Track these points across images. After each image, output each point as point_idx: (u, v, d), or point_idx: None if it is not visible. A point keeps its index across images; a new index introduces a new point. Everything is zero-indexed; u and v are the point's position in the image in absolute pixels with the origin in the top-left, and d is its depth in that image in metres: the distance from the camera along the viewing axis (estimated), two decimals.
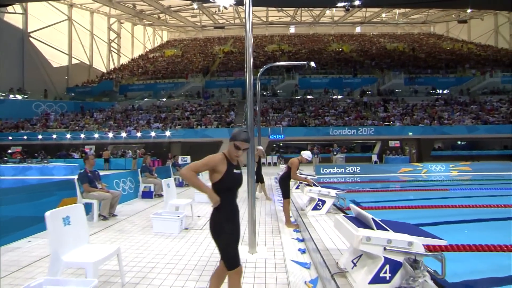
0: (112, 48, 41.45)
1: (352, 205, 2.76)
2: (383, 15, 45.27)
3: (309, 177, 6.25)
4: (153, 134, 20.47)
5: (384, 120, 21.77)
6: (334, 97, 26.83)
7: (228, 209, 2.04)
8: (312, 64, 7.66)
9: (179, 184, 9.63)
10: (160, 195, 7.40)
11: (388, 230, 2.18)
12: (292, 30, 52.44)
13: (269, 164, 21.02)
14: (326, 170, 13.32)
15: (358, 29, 52.12)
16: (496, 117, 21.70)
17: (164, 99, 27.70)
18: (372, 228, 2.21)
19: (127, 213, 5.76)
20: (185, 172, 1.99)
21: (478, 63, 33.00)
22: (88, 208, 4.93)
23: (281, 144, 23.20)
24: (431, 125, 20.60)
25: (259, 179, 7.39)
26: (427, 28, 52.27)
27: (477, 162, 16.41)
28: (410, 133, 19.94)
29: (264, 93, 27.41)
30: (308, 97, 26.98)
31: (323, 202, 5.18)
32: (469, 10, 40.66)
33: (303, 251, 3.55)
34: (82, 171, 5.04)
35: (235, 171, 2.06)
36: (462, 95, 26.42)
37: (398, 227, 2.32)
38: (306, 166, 17.05)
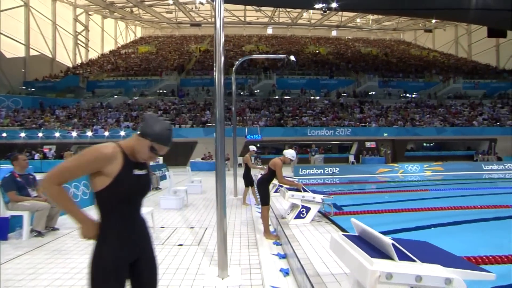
0: (79, 41, 38.61)
1: (354, 221, 2.03)
2: (358, 20, 46.51)
3: (295, 180, 5.73)
4: (122, 133, 19.01)
5: (360, 121, 21.99)
6: (311, 97, 26.79)
7: (120, 234, 1.32)
8: (292, 58, 7.15)
9: None
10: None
11: (415, 261, 1.51)
12: (269, 31, 52.36)
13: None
14: (304, 171, 12.93)
15: (334, 33, 53.26)
16: (460, 120, 22.79)
17: (136, 97, 26.09)
18: (392, 258, 1.53)
19: (74, 226, 4.75)
20: (47, 185, 1.23)
21: (442, 69, 34.81)
22: (17, 222, 3.95)
23: (258, 145, 22.62)
24: (405, 127, 21.10)
25: (249, 182, 6.85)
26: (397, 35, 54.61)
27: (446, 162, 16.92)
28: (385, 134, 20.26)
29: (241, 92, 26.78)
30: (286, 97, 26.72)
31: (308, 209, 4.43)
32: (434, 21, 43.21)
33: (286, 273, 2.95)
34: (7, 175, 3.94)
35: (136, 172, 1.36)
36: (430, 98, 27.56)
37: (424, 253, 1.66)
38: (285, 166, 16.64)
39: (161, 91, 27.54)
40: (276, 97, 26.67)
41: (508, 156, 20.21)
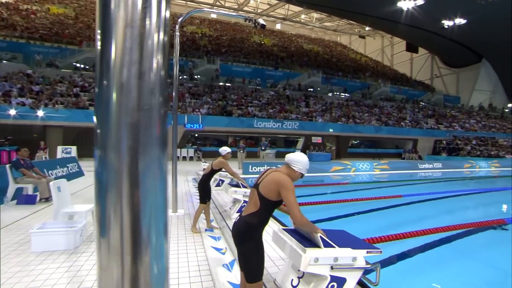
0: None
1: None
2: (302, 16, 47.17)
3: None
4: (13, 112, 14.24)
5: (307, 115, 21.62)
6: (257, 87, 25.45)
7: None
8: (261, 21, 5.36)
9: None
10: (48, 199, 5.85)
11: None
12: (213, 15, 49.17)
13: (184, 158, 17.83)
14: (255, 169, 11.36)
15: (278, 26, 53.26)
16: (392, 120, 24.65)
17: (42, 68, 20.42)
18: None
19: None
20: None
21: (373, 73, 37.90)
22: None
23: (196, 135, 20.22)
24: (348, 123, 21.54)
25: (206, 196, 4.55)
26: (335, 37, 57.84)
27: (390, 160, 17.65)
28: (331, 130, 20.26)
29: (180, 76, 23.72)
30: (230, 84, 24.75)
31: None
32: (367, 28, 47.04)
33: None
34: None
35: None
36: (365, 98, 29.30)
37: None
38: (232, 161, 14.80)
39: (79, 64, 22.35)
40: (221, 83, 24.45)
41: (428, 155, 22.61)
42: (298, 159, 2.16)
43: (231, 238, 3.53)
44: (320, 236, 2.06)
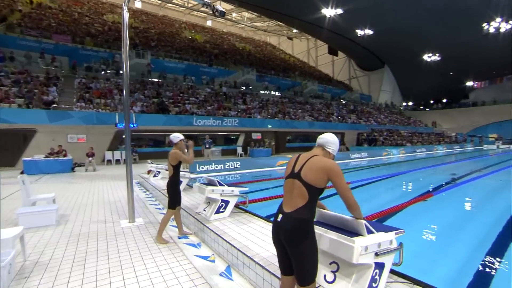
0: None
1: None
2: (233, 14, 47.40)
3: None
4: None
5: (245, 112, 21.84)
6: (193, 84, 24.47)
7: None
8: (220, 8, 5.04)
9: None
10: None
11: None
12: (138, 4, 45.18)
13: (118, 162, 15.90)
14: (203, 168, 10.88)
15: (209, 23, 52.35)
16: (322, 116, 27.05)
17: None
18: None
19: None
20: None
21: (301, 73, 40.93)
22: None
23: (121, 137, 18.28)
24: (284, 119, 22.63)
25: (177, 199, 3.94)
26: (265, 37, 60.11)
27: None
28: (269, 126, 20.93)
29: (107, 70, 21.06)
30: (165, 81, 23.16)
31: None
32: (294, 30, 50.49)
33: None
34: None
35: None
36: (297, 96, 31.37)
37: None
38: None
39: None
40: (154, 79, 22.64)
41: (352, 146, 25.60)
42: (333, 140, 1.96)
43: (215, 243, 3.25)
44: (365, 223, 1.96)
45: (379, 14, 28.07)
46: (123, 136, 17.89)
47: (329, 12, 28.43)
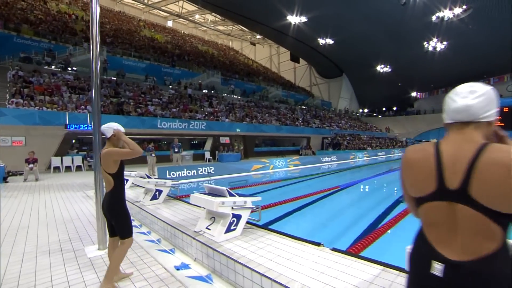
0: None
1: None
2: (196, 16, 46.16)
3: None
4: None
5: (213, 115, 20.92)
6: (155, 84, 22.81)
7: None
8: None
9: None
10: None
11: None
12: None
13: (68, 168, 13.79)
14: (173, 174, 9.81)
15: (169, 23, 50.20)
16: (288, 120, 27.28)
17: None
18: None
19: None
20: None
21: (265, 78, 41.23)
22: None
23: (71, 140, 16.16)
24: (253, 123, 22.19)
25: (129, 225, 2.72)
26: (227, 42, 59.67)
27: (302, 156, 19.12)
28: (238, 130, 20.27)
29: (47, 64, 18.46)
30: (124, 80, 21.16)
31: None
32: (258, 36, 51.00)
33: None
34: None
35: None
36: (263, 100, 31.31)
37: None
38: (141, 167, 12.38)
39: None
40: (113, 77, 20.54)
41: (318, 150, 26.17)
42: (488, 94, 1.00)
43: (235, 273, 2.54)
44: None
45: (340, 24, 29.53)
46: (74, 140, 15.77)
47: (294, 19, 29.05)
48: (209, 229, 3.21)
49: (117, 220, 2.61)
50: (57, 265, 3.10)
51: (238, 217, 3.24)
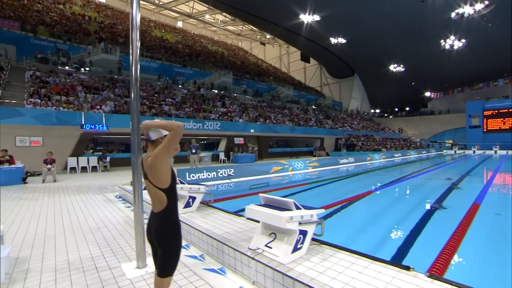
0: None
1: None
2: (207, 16, 46.04)
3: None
4: None
5: (226, 116, 20.60)
6: (167, 84, 22.63)
7: None
8: None
9: None
10: None
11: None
12: None
13: (84, 169, 13.64)
14: (193, 177, 9.48)
15: (179, 24, 50.26)
16: (301, 121, 26.77)
17: None
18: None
19: None
20: None
21: (275, 78, 40.77)
22: None
23: (87, 141, 16.02)
24: (267, 124, 21.79)
25: (175, 260, 2.17)
26: (236, 42, 59.43)
27: (320, 157, 18.61)
28: (252, 130, 19.91)
29: (67, 64, 18.45)
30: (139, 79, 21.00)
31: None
32: (268, 36, 50.58)
33: None
34: None
35: None
36: (275, 101, 30.88)
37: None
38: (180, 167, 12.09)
39: None
40: (127, 77, 20.42)
41: (332, 151, 25.61)
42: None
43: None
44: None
45: (353, 23, 28.90)
46: (90, 140, 15.65)
47: (306, 18, 28.54)
48: (270, 247, 2.74)
49: (165, 251, 2.05)
50: None
51: (304, 233, 2.79)
